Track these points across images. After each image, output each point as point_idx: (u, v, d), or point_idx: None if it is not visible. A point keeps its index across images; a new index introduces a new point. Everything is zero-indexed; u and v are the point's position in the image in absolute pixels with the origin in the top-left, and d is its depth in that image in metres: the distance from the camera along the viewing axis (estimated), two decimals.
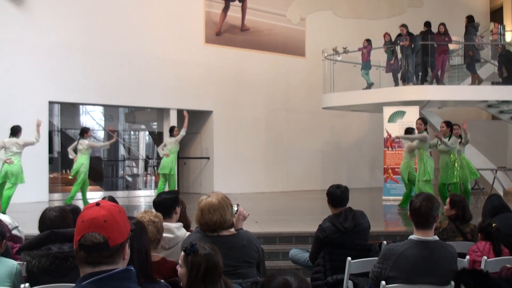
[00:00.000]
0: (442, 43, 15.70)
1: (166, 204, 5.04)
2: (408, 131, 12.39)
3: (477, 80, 16.42)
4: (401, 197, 13.57)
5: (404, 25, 15.81)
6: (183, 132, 14.23)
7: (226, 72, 18.09)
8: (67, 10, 15.14)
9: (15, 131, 11.81)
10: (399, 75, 16.00)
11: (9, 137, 11.79)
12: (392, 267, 4.01)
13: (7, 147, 11.69)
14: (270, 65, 19.06)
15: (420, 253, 4.00)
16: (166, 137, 14.80)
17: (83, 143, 13.11)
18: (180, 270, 3.22)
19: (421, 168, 11.50)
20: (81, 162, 13.02)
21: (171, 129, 14.53)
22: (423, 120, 11.95)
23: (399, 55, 16.02)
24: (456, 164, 11.58)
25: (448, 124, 11.72)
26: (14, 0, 14.28)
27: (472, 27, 16.61)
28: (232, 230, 4.37)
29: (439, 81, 15.67)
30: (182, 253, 3.22)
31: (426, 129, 11.85)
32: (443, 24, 15.68)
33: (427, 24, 15.92)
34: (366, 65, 16.53)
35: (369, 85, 16.46)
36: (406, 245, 4.04)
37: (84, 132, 13.30)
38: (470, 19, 16.85)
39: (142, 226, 3.61)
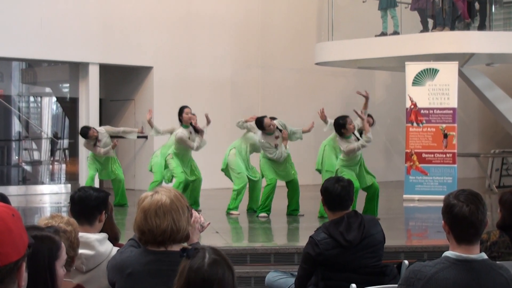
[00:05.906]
0: None
1: (90, 204, 5.02)
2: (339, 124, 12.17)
3: None
4: (431, 196, 13.96)
5: None
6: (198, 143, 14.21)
7: (172, 10, 17.98)
8: None
9: None
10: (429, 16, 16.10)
11: None
12: None
13: None
14: None
15: (460, 277, 3.98)
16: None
17: None
18: None
19: None
20: None
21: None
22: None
23: None
24: None
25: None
26: None
27: None
28: (186, 244, 4.33)
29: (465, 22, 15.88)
30: None
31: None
32: None
33: None
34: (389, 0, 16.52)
35: (394, 32, 16.45)
36: (439, 266, 4.02)
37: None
38: None
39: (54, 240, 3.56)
